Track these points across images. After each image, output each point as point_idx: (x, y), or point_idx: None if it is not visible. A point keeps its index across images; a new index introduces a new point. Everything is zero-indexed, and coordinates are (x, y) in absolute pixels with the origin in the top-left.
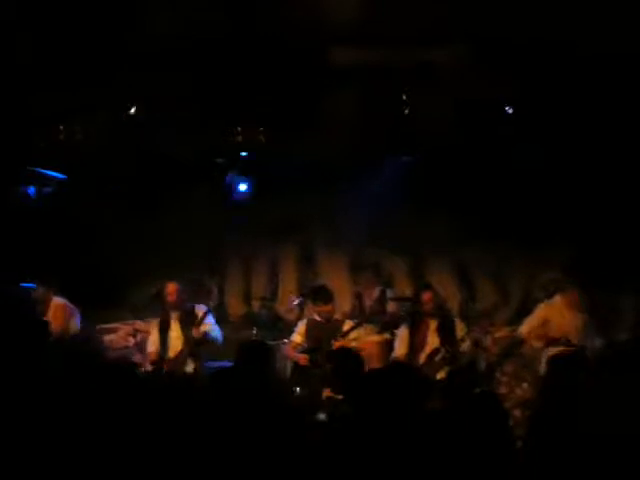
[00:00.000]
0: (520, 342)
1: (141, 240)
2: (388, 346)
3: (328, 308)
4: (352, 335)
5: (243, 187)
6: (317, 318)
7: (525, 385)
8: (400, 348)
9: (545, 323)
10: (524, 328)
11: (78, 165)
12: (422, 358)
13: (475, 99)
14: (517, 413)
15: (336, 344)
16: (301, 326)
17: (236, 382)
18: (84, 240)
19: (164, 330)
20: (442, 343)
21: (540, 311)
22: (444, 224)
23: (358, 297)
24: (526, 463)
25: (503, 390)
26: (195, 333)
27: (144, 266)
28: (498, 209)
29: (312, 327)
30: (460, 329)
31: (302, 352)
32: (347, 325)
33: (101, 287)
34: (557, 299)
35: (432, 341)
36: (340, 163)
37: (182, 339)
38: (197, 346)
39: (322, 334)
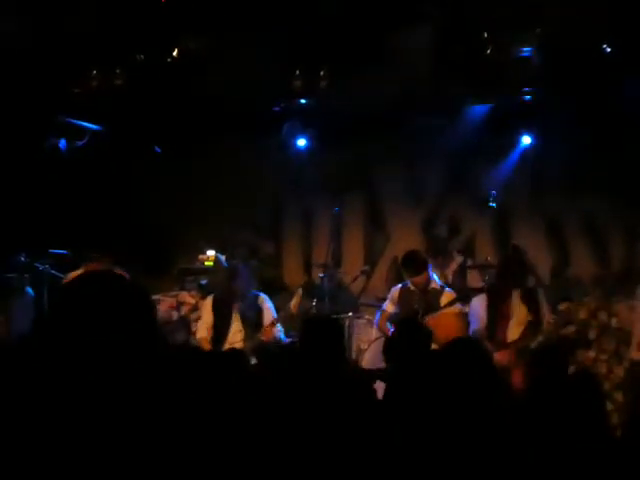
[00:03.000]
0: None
1: (187, 199)
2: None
3: (420, 279)
4: (451, 309)
5: (302, 142)
6: (411, 287)
7: (627, 364)
8: (480, 321)
9: None
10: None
11: (116, 114)
12: (509, 333)
13: (567, 37)
14: (618, 397)
15: (429, 319)
16: (394, 293)
17: (305, 365)
18: (122, 199)
19: (222, 317)
20: (531, 313)
21: None
22: (532, 175)
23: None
24: (626, 454)
25: (602, 370)
26: (263, 336)
27: (191, 228)
28: (594, 156)
29: (406, 295)
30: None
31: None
32: (445, 297)
33: (142, 253)
34: None
35: (519, 313)
36: (411, 108)
37: (243, 335)
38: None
39: (417, 304)
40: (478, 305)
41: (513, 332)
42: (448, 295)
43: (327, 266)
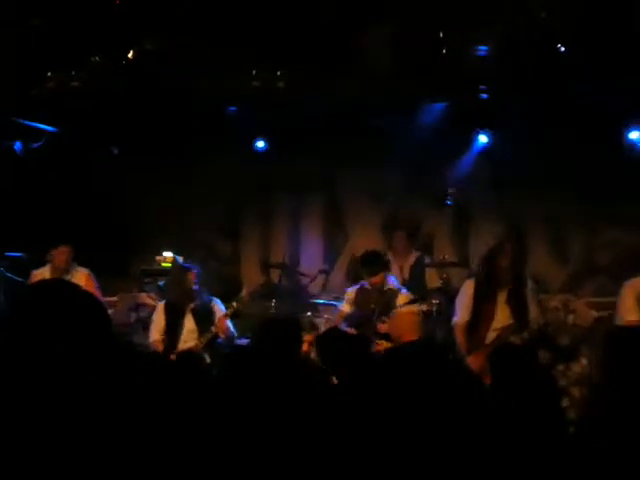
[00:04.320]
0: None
1: (145, 199)
2: (425, 318)
3: (377, 279)
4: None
5: (260, 144)
6: (368, 287)
7: (584, 360)
8: (463, 315)
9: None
10: None
11: (72, 116)
12: (488, 335)
13: (524, 36)
14: (575, 392)
15: (382, 326)
16: (350, 293)
17: (261, 365)
18: (80, 200)
19: (175, 319)
20: (515, 318)
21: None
22: (491, 173)
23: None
24: (578, 452)
25: (558, 367)
26: (217, 328)
27: (150, 229)
28: (553, 154)
29: (362, 296)
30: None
31: (351, 325)
32: (402, 298)
33: (100, 253)
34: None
35: (502, 315)
36: (371, 107)
37: (197, 333)
38: (213, 340)
39: (374, 305)
40: (466, 294)
41: (491, 335)
42: (404, 296)
43: (285, 266)
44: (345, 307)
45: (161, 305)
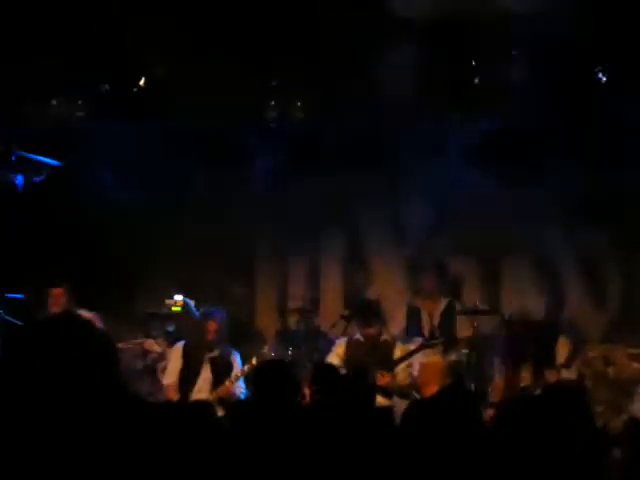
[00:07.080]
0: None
1: (152, 237)
2: (454, 371)
3: (372, 331)
4: (402, 365)
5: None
6: (360, 338)
7: (625, 417)
8: (498, 381)
9: None
10: None
11: (76, 148)
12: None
13: (561, 62)
14: (615, 453)
15: (382, 378)
16: (339, 346)
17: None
18: (82, 237)
19: (192, 364)
20: (535, 378)
21: None
22: (521, 211)
23: (416, 313)
24: None
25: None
26: (222, 392)
27: (156, 269)
28: (591, 189)
29: (353, 349)
30: (563, 349)
31: None
32: (399, 350)
33: (103, 295)
34: None
35: (525, 375)
36: (396, 138)
37: (212, 383)
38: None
39: (365, 359)
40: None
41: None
42: (402, 348)
43: (303, 310)
44: (333, 359)
45: (178, 347)
